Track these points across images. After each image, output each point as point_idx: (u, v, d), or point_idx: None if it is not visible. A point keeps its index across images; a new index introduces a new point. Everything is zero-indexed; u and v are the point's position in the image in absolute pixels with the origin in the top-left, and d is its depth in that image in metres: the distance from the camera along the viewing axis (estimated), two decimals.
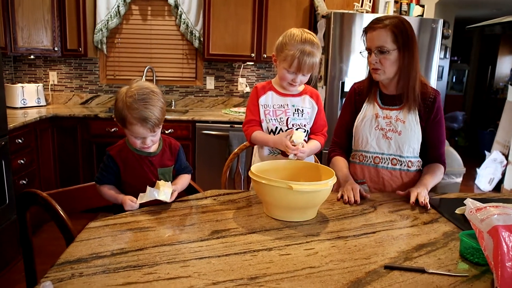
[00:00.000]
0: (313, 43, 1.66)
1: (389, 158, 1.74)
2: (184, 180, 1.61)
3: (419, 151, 1.76)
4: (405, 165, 1.74)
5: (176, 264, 1.05)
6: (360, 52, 1.73)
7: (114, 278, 0.98)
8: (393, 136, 1.72)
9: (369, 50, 1.68)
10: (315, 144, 1.80)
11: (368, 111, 1.77)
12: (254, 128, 1.77)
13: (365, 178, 1.79)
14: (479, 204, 0.99)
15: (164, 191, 1.40)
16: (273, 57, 1.77)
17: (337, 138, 1.91)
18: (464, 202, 1.06)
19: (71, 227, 1.34)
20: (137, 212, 1.39)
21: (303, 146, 1.64)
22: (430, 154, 1.78)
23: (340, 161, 1.81)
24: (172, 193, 1.45)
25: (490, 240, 0.90)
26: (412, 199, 1.56)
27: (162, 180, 1.46)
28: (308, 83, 1.80)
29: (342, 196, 1.59)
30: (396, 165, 1.74)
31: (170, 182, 1.49)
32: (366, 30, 1.69)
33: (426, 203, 1.53)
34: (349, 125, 1.85)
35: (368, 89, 1.80)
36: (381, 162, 1.75)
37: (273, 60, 1.77)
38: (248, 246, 1.17)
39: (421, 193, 1.57)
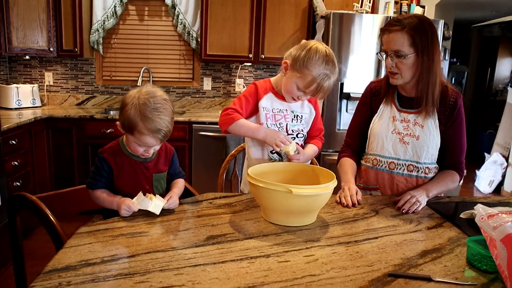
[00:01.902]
0: (334, 66, 1.57)
1: (405, 164, 1.66)
2: (181, 184, 1.56)
3: (437, 157, 1.67)
4: (422, 171, 1.65)
5: (170, 272, 1.00)
6: (377, 53, 1.64)
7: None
8: (410, 141, 1.64)
9: (385, 52, 1.59)
10: (312, 149, 1.75)
11: (385, 113, 1.69)
12: (238, 117, 1.64)
13: (379, 184, 1.71)
14: (490, 211, 0.94)
15: (156, 203, 1.34)
16: (285, 64, 1.62)
17: (350, 139, 1.83)
18: (475, 208, 1.01)
19: (60, 232, 1.29)
20: (129, 216, 1.34)
21: (298, 152, 1.63)
22: (448, 161, 1.68)
23: (347, 163, 1.74)
24: (169, 198, 1.40)
25: (503, 248, 0.85)
26: (399, 204, 1.51)
27: (157, 195, 1.39)
28: None
29: (340, 199, 1.54)
30: (412, 171, 1.66)
31: (163, 197, 1.42)
32: (383, 31, 1.59)
33: (408, 210, 1.47)
34: (363, 126, 1.76)
35: (386, 90, 1.71)
36: (396, 168, 1.67)
37: (284, 67, 1.63)
38: (245, 252, 1.11)
39: (412, 200, 1.50)
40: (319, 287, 0.96)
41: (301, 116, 1.73)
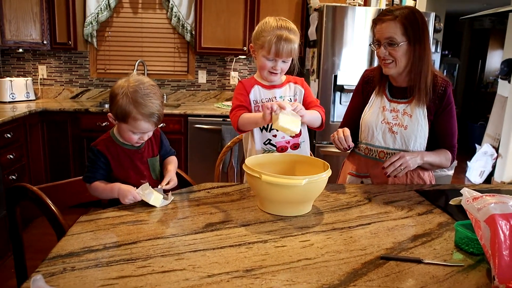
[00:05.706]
0: (289, 28, 1.63)
1: (394, 153, 1.69)
2: (174, 161, 1.61)
3: (425, 146, 1.72)
4: None
5: (171, 257, 1.04)
6: (370, 44, 1.69)
7: (107, 272, 0.96)
8: (399, 131, 1.69)
9: (378, 42, 1.64)
10: (315, 111, 1.71)
11: (376, 103, 1.75)
12: (242, 111, 1.67)
13: (369, 172, 1.76)
14: (475, 194, 0.99)
15: (156, 196, 1.37)
16: (251, 48, 1.71)
17: (345, 124, 1.86)
18: (461, 191, 1.06)
19: (62, 222, 1.32)
20: (129, 205, 1.37)
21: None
22: (441, 146, 1.74)
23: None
24: (170, 181, 1.46)
25: (487, 229, 0.90)
26: (385, 163, 1.57)
27: (158, 188, 1.43)
28: (290, 73, 1.75)
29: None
30: None
31: (160, 180, 1.47)
32: (376, 22, 1.64)
33: (390, 173, 1.54)
34: (355, 112, 1.84)
35: (378, 79, 1.76)
36: (386, 157, 1.71)
37: (252, 51, 1.71)
38: (243, 238, 1.15)
39: (396, 163, 1.56)
40: (314, 269, 1.00)
41: (290, 99, 1.73)
